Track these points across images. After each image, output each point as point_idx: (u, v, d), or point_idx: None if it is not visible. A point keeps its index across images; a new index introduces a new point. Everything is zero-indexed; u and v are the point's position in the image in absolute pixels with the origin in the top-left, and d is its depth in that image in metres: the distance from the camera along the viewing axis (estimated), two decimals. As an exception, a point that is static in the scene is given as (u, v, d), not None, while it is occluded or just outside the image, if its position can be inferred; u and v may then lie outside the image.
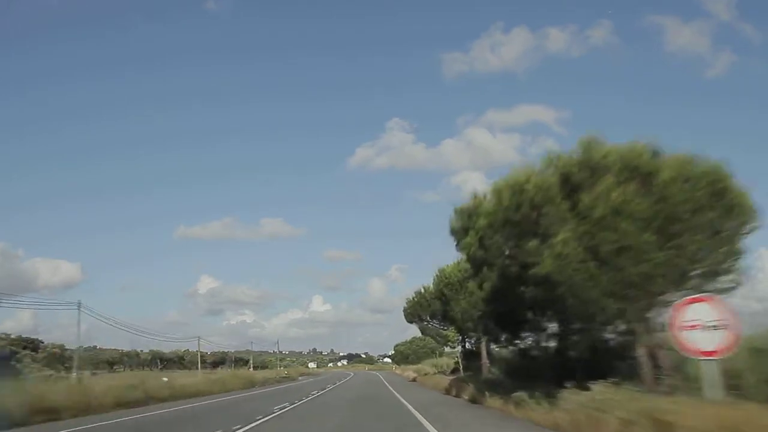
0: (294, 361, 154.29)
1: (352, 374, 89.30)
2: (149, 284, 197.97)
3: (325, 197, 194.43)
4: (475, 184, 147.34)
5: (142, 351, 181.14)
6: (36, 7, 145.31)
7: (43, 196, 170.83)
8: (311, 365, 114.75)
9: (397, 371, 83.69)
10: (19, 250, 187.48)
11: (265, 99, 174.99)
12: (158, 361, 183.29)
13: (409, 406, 19.83)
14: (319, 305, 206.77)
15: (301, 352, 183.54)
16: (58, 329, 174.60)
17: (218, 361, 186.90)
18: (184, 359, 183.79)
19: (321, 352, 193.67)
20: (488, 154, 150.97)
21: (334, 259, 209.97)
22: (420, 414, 16.61)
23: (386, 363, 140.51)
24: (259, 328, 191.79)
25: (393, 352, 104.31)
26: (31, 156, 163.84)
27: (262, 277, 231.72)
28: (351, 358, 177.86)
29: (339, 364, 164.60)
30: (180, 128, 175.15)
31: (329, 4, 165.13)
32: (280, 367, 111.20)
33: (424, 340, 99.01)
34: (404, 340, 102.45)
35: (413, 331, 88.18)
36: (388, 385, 42.28)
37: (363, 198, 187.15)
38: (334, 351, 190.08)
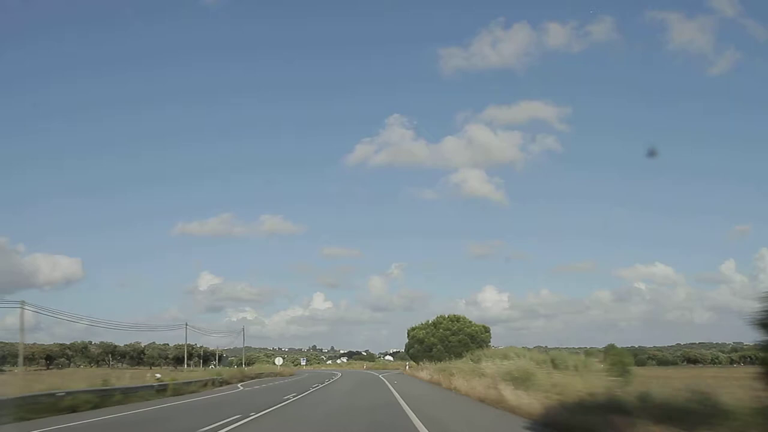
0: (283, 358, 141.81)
1: (339, 375, 61.76)
2: (148, 281, 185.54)
3: (325, 194, 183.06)
4: (474, 182, 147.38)
5: (90, 343, 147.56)
6: (37, 7, 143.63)
7: (44, 192, 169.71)
8: (278, 361, 75.52)
9: (423, 374, 43.40)
10: (19, 245, 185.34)
11: (264, 96, 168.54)
12: (110, 355, 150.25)
13: None
14: (319, 303, 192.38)
15: (301, 349, 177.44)
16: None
17: (183, 356, 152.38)
18: (144, 353, 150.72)
19: (321, 350, 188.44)
20: (489, 151, 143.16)
21: (333, 256, 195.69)
22: None
23: (388, 361, 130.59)
24: (260, 325, 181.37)
25: (407, 341, 64.83)
26: (32, 152, 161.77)
27: (261, 274, 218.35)
28: (351, 355, 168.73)
29: (338, 361, 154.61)
30: (180, 125, 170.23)
31: (329, 1, 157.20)
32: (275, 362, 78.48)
33: (458, 321, 59.65)
34: (424, 322, 63.08)
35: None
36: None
37: (362, 195, 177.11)
38: (335, 348, 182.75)
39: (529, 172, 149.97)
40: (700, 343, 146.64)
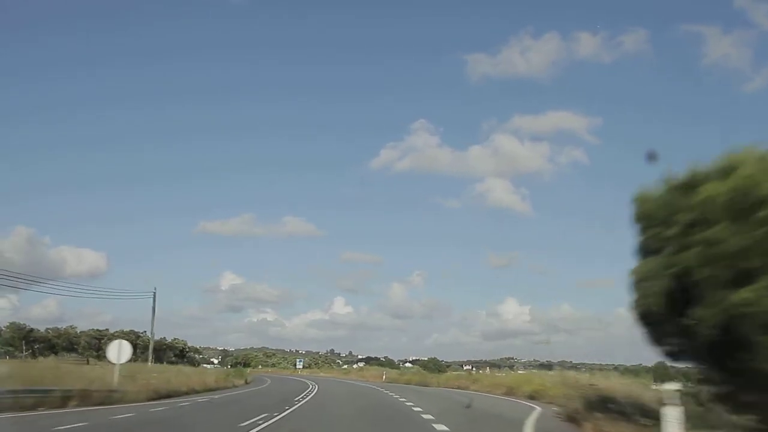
0: (281, 360, 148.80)
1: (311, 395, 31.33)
2: (170, 277, 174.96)
3: (348, 198, 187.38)
4: (499, 192, 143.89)
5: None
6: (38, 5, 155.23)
7: (70, 186, 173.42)
8: (117, 354, 26.92)
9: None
10: (46, 237, 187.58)
11: (289, 97, 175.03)
12: (23, 342, 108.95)
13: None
14: (339, 307, 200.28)
15: (318, 353, 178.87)
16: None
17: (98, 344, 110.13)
18: (77, 344, 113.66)
19: (339, 354, 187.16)
20: (514, 161, 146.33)
21: (354, 261, 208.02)
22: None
23: (408, 369, 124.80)
24: (280, 326, 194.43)
25: (637, 256, 13.40)
26: (58, 143, 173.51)
27: (282, 276, 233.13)
28: (369, 361, 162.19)
29: (355, 366, 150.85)
30: (207, 123, 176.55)
31: (358, 3, 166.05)
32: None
33: None
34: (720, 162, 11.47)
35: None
36: None
37: (385, 200, 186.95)
38: (353, 353, 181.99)
39: (556, 184, 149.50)
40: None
